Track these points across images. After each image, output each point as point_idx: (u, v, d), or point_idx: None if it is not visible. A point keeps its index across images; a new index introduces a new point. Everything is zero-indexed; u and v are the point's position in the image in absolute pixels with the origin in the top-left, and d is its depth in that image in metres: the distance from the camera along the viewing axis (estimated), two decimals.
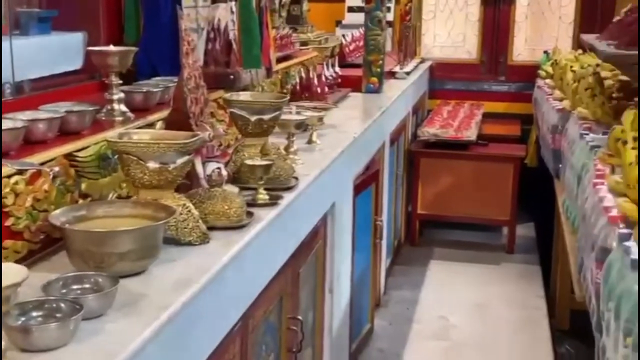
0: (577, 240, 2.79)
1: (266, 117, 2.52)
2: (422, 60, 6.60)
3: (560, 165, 3.85)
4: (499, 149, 5.79)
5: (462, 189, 5.72)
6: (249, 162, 2.34)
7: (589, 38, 3.51)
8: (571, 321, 4.49)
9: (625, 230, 1.96)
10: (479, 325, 4.58)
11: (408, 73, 5.73)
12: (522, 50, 6.66)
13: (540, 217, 5.66)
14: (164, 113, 2.40)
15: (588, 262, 2.32)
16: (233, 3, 2.97)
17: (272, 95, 2.91)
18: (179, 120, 2.22)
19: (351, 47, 5.54)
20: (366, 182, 3.96)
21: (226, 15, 2.93)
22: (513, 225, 5.76)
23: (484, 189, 5.68)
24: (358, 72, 4.88)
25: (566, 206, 3.31)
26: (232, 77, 2.99)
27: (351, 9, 6.53)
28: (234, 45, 2.97)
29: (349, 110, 4.24)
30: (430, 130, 5.77)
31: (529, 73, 6.17)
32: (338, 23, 6.64)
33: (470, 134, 5.73)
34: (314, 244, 3.00)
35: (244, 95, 2.63)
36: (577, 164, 3.12)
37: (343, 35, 5.78)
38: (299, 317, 2.70)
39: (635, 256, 1.78)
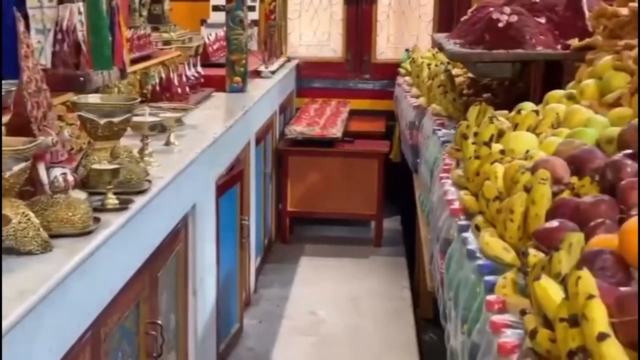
0: (429, 233, 2.90)
1: (116, 119, 2.45)
2: (289, 59, 6.64)
3: (418, 160, 3.99)
4: (364, 145, 5.91)
5: (330, 186, 5.81)
6: (96, 166, 2.28)
7: (439, 37, 3.65)
8: (434, 310, 4.65)
9: (464, 222, 2.06)
10: (348, 318, 4.68)
11: (273, 72, 5.75)
12: (385, 48, 6.82)
13: (406, 211, 5.82)
14: (6, 118, 2.31)
15: (435, 253, 2.42)
16: (81, 3, 2.89)
17: (123, 97, 2.86)
18: (20, 125, 2.15)
19: (215, 47, 5.51)
20: (230, 182, 3.95)
21: (74, 16, 2.85)
22: (380, 219, 5.90)
23: (351, 185, 5.79)
24: (222, 71, 4.85)
25: (422, 200, 3.44)
26: (82, 79, 2.91)
27: (216, 8, 6.48)
28: (83, 47, 2.90)
29: (211, 110, 4.21)
30: (297, 129, 5.83)
31: (391, 71, 6.31)
32: (203, 22, 6.59)
33: (336, 131, 5.83)
34: (173, 247, 2.97)
35: (93, 98, 2.56)
36: (430, 159, 3.24)
37: (207, 35, 5.74)
38: (159, 322, 2.66)
39: (471, 247, 1.87)
